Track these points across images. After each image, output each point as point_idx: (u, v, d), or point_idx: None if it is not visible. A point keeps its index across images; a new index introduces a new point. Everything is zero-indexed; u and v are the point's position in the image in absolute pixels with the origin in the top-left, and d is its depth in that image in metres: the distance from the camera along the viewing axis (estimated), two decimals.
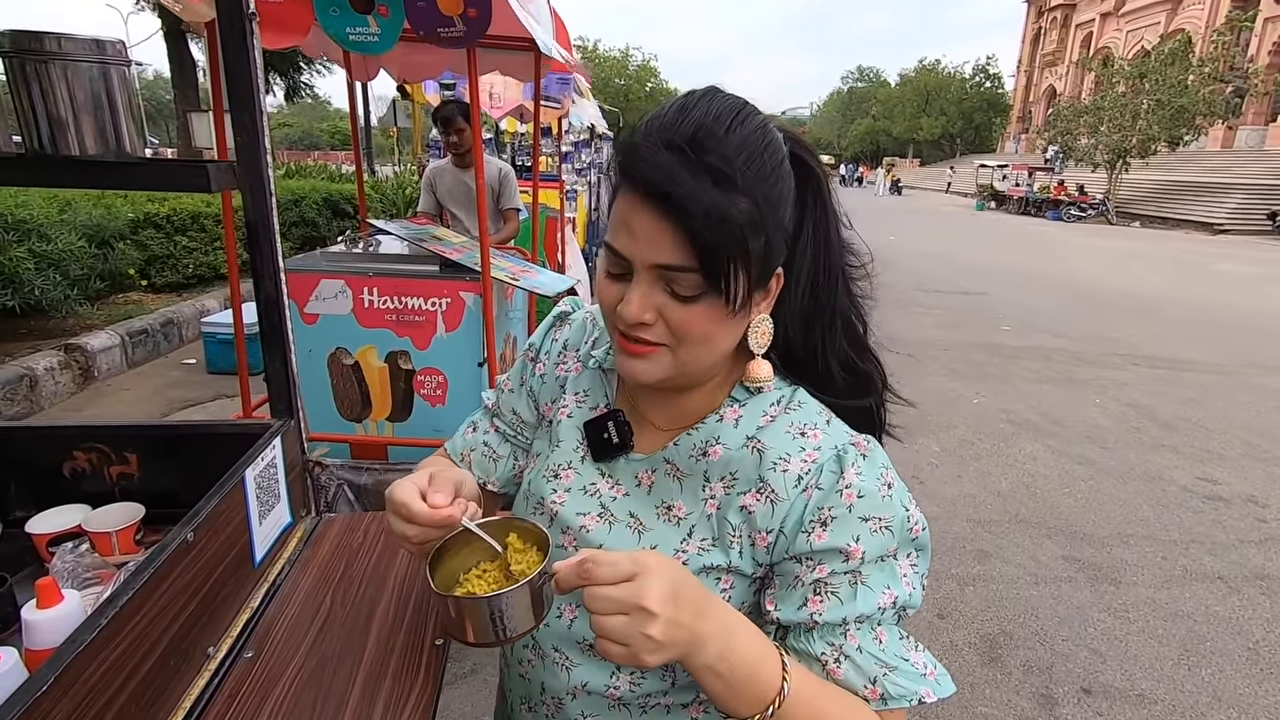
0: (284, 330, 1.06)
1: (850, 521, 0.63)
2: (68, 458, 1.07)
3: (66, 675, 0.60)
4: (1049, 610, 2.80)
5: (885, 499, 0.64)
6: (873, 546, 0.63)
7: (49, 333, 4.96)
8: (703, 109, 0.59)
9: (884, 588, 0.63)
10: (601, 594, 0.53)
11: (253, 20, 0.94)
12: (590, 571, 0.53)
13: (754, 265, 0.61)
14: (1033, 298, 9.66)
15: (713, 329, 0.63)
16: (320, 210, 8.72)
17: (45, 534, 1.01)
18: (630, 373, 0.66)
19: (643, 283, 0.61)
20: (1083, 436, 4.69)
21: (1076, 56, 42.54)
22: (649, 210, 0.58)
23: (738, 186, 0.57)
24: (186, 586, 0.80)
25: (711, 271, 0.59)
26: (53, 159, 0.92)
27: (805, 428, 0.68)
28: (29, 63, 0.90)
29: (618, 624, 0.52)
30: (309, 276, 2.33)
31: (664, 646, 0.53)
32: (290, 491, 1.08)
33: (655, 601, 0.52)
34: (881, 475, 0.66)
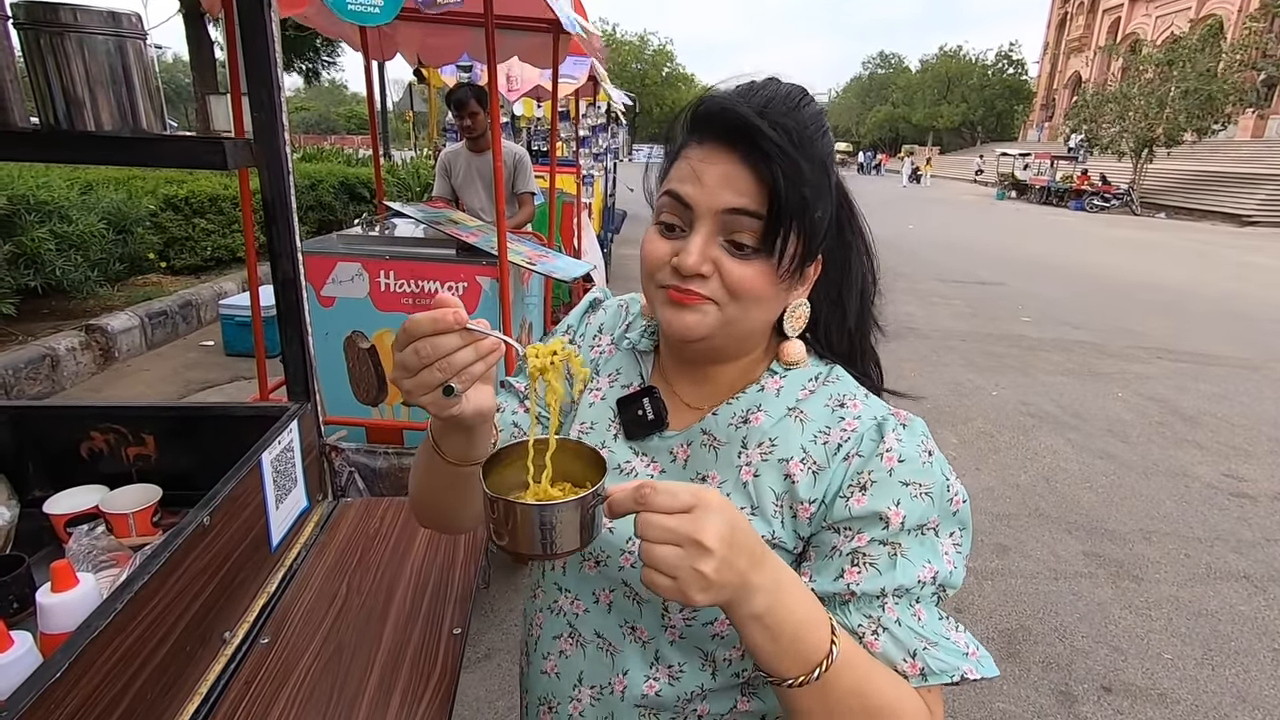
0: (301, 311, 1.04)
1: (890, 485, 0.62)
2: (85, 438, 1.06)
3: (81, 661, 0.58)
4: (1069, 606, 2.76)
5: (926, 465, 0.64)
6: (913, 512, 0.62)
7: (70, 313, 5.01)
8: (773, 87, 0.63)
9: (924, 562, 0.62)
10: (657, 521, 0.50)
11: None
12: (647, 497, 0.51)
13: (808, 234, 0.62)
14: (1053, 289, 9.50)
15: (764, 290, 0.63)
16: (336, 194, 8.73)
17: (63, 514, 1.01)
18: (679, 325, 0.64)
19: (703, 232, 0.61)
20: (1104, 430, 4.61)
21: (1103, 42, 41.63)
22: (725, 155, 0.60)
23: (808, 153, 0.60)
24: (203, 571, 0.79)
25: (774, 223, 0.60)
26: (68, 135, 0.90)
27: (845, 399, 0.69)
28: (44, 35, 0.88)
29: (670, 555, 0.50)
30: (326, 259, 2.32)
31: (714, 586, 0.50)
32: (307, 475, 1.07)
33: (712, 538, 0.50)
34: (922, 443, 0.66)
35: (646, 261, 0.66)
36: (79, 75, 0.90)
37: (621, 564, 0.69)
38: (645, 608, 0.69)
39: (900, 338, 6.63)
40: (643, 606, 0.70)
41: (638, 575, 0.66)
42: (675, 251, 0.63)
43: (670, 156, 0.66)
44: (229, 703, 0.76)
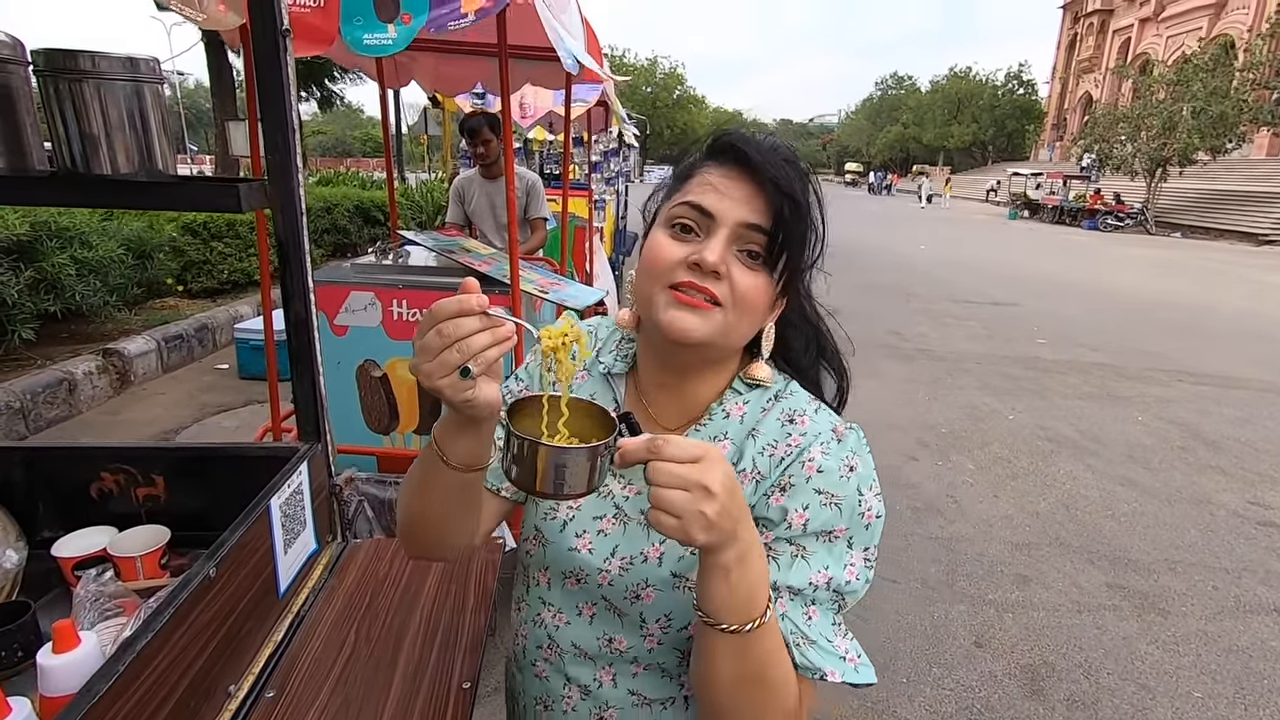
0: (313, 351, 1.03)
1: (804, 491, 0.69)
2: (95, 479, 1.05)
3: None
4: (1093, 641, 2.69)
5: (843, 479, 0.69)
6: (816, 518, 0.68)
7: (88, 337, 5.07)
8: (774, 139, 0.73)
9: (821, 566, 0.68)
10: (668, 468, 0.55)
11: (286, 36, 0.92)
12: (659, 448, 0.56)
13: (799, 257, 0.71)
14: (1069, 309, 9.41)
15: (761, 302, 0.70)
16: (352, 218, 8.83)
17: (71, 558, 1.00)
18: (680, 325, 0.69)
19: (722, 236, 0.68)
20: (1125, 456, 4.52)
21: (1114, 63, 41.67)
22: (746, 179, 0.69)
23: (807, 192, 0.70)
24: (209, 624, 0.77)
25: (778, 240, 0.68)
26: (84, 178, 0.90)
27: (795, 414, 0.74)
28: (62, 81, 0.89)
29: (679, 498, 0.55)
30: (339, 288, 2.33)
31: (712, 527, 0.56)
32: (316, 517, 1.05)
33: (716, 484, 0.55)
34: (847, 459, 0.71)
35: (658, 260, 0.71)
36: (96, 120, 0.90)
37: (600, 581, 0.75)
38: (625, 621, 0.75)
39: (914, 359, 6.57)
40: (623, 620, 0.75)
41: (616, 592, 0.75)
42: (692, 252, 0.69)
43: (682, 177, 0.74)
44: None
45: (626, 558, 0.75)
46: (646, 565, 0.74)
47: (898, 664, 2.52)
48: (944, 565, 3.16)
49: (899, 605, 2.85)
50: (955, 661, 2.55)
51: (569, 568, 0.78)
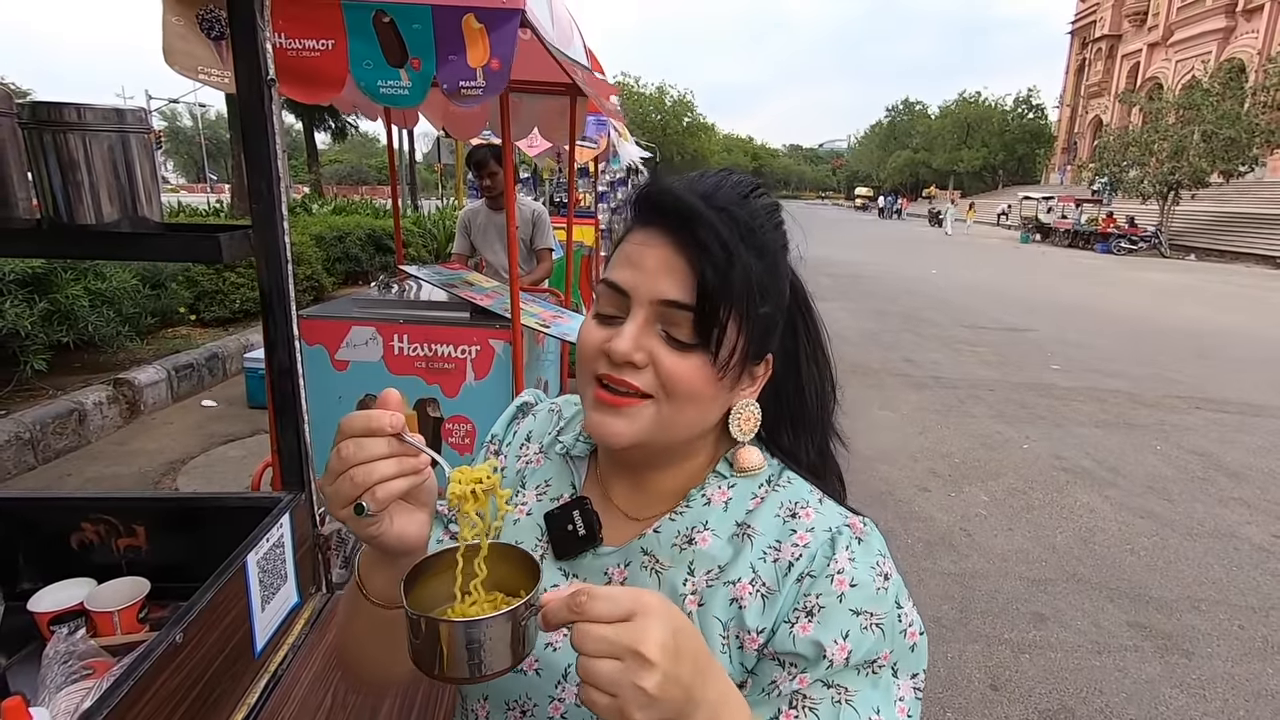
0: (297, 402, 1.01)
1: (839, 614, 0.56)
2: (76, 529, 1.04)
3: None
4: (1114, 684, 2.59)
5: (880, 592, 0.58)
6: (861, 647, 0.56)
7: (100, 367, 5.12)
8: (724, 176, 0.62)
9: (871, 711, 0.55)
10: (594, 632, 0.45)
11: (271, 86, 0.91)
12: (583, 605, 0.45)
13: (752, 330, 0.59)
14: (1083, 334, 9.30)
15: (701, 387, 0.59)
16: (363, 246, 8.94)
17: (46, 613, 0.98)
18: (603, 430, 0.60)
19: (638, 319, 0.58)
20: (1144, 487, 4.41)
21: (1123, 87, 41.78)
22: (664, 243, 0.58)
23: (753, 244, 0.58)
24: (174, 691, 0.74)
25: (708, 317, 0.57)
26: (69, 228, 0.90)
27: (796, 507, 0.63)
28: (48, 132, 0.89)
29: (608, 669, 0.44)
30: (340, 323, 2.33)
31: (655, 702, 0.44)
32: (299, 569, 1.03)
33: (654, 649, 0.44)
34: (878, 564, 0.60)
35: (580, 350, 0.62)
36: (81, 170, 0.90)
37: (551, 713, 0.63)
38: None
39: (925, 387, 6.49)
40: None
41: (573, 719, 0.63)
42: (605, 340, 0.59)
43: (616, 243, 0.64)
44: None
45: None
46: None
47: None
48: (957, 602, 3.07)
49: None
50: (971, 706, 2.46)
51: (513, 696, 0.64)
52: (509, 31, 1.80)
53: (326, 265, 8.07)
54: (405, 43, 1.87)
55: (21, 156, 0.93)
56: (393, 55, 1.88)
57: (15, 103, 0.91)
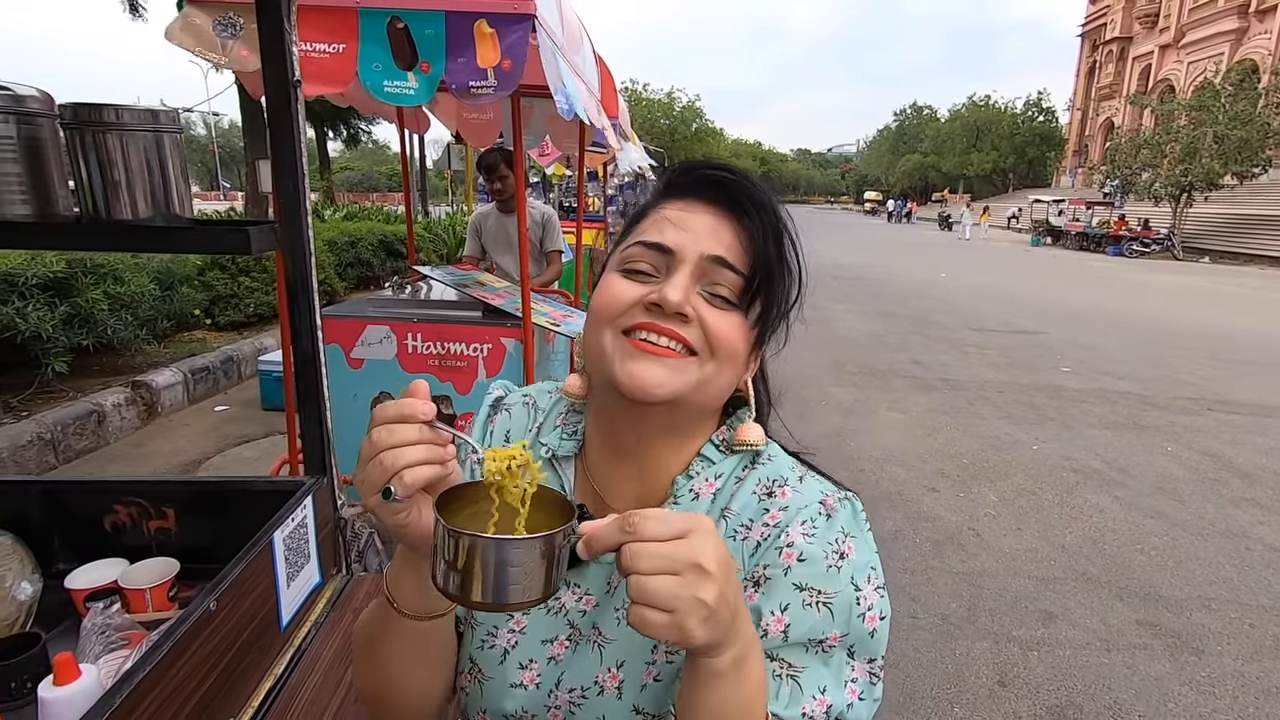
0: (320, 388, 1.06)
1: (781, 586, 0.55)
2: (109, 511, 1.08)
3: None
4: (1123, 681, 2.59)
5: (831, 570, 0.56)
6: (801, 623, 0.54)
7: (119, 369, 5.21)
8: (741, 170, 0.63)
9: (816, 689, 0.54)
10: (651, 549, 0.44)
11: (297, 87, 0.96)
12: (636, 525, 0.45)
13: (776, 302, 0.61)
14: (1094, 337, 9.25)
15: (740, 348, 0.59)
16: (375, 251, 9.03)
17: (82, 590, 1.02)
18: (643, 378, 0.56)
19: (685, 274, 0.57)
20: (1154, 488, 4.40)
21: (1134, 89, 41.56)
22: (707, 208, 0.59)
23: (780, 226, 0.61)
24: (208, 657, 0.78)
25: (755, 280, 0.58)
26: (106, 223, 0.95)
27: (774, 485, 0.62)
28: (87, 132, 0.94)
29: (668, 584, 0.43)
30: (355, 322, 2.38)
31: (713, 616, 0.44)
32: (321, 550, 1.07)
33: (712, 561, 0.44)
34: (836, 541, 0.57)
35: (610, 304, 0.59)
36: (118, 168, 0.95)
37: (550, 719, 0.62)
38: None
39: (934, 389, 6.49)
40: None
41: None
42: (649, 291, 0.57)
43: (636, 219, 0.64)
44: None
45: (577, 690, 0.60)
46: (603, 699, 0.59)
47: (916, 704, 2.45)
48: (965, 601, 3.08)
49: (918, 642, 2.78)
50: (978, 702, 2.47)
51: (510, 710, 0.62)
52: (520, 33, 1.85)
53: (339, 270, 8.17)
54: (416, 47, 1.93)
55: (62, 155, 0.98)
56: (402, 59, 1.93)
57: (57, 104, 0.96)
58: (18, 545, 1.03)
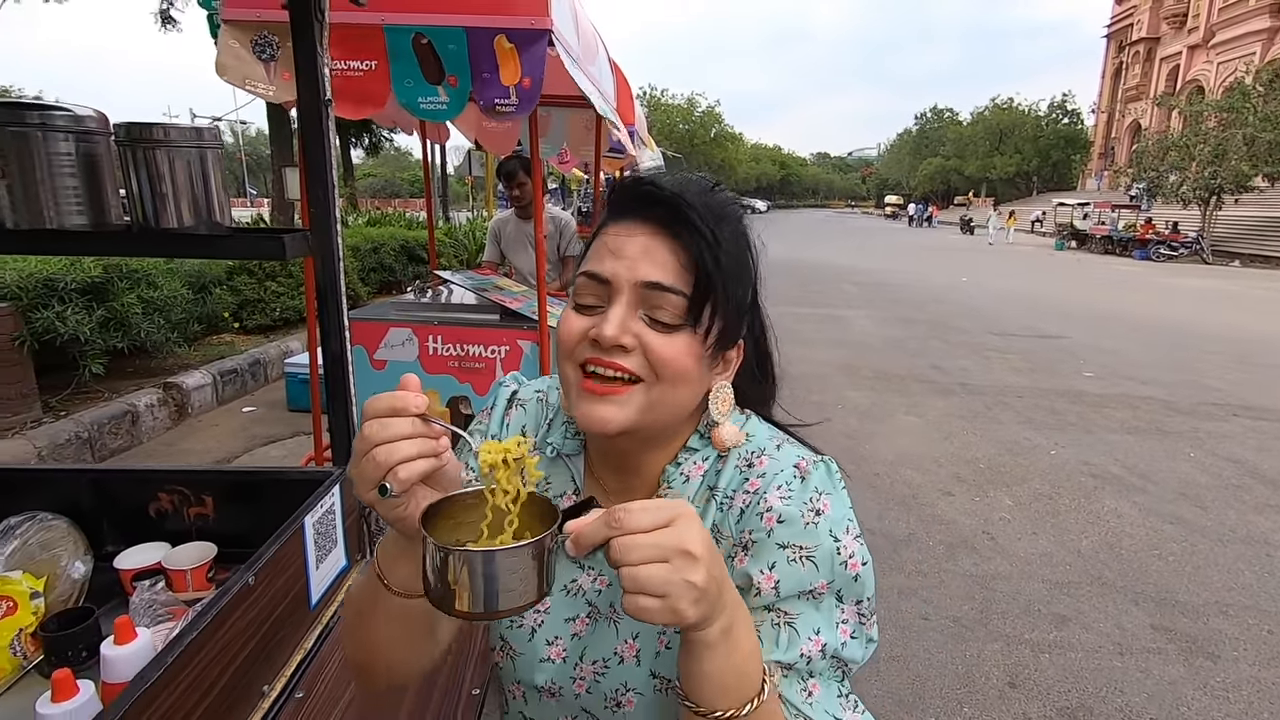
0: (347, 383, 1.13)
1: (766, 547, 0.60)
2: (153, 499, 1.17)
3: (133, 710, 0.65)
4: (1135, 685, 2.59)
5: (809, 527, 0.60)
6: (790, 578, 0.59)
7: (151, 371, 5.38)
8: (686, 176, 0.64)
9: (811, 631, 0.58)
10: (640, 541, 0.47)
11: (328, 106, 1.04)
12: (622, 520, 0.47)
13: (729, 311, 0.61)
14: (1118, 342, 9.13)
15: (689, 366, 0.60)
16: (397, 256, 9.20)
17: (129, 570, 1.11)
18: (593, 418, 0.60)
19: (622, 304, 0.59)
20: (1175, 493, 4.35)
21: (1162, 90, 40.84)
22: (643, 228, 0.60)
23: (726, 230, 0.61)
24: (246, 627, 0.86)
25: (698, 296, 0.59)
26: (155, 231, 1.03)
27: (753, 457, 0.66)
28: (139, 149, 1.03)
29: (659, 572, 0.46)
30: (379, 325, 2.48)
31: (704, 596, 0.48)
32: (347, 537, 1.14)
33: (698, 546, 0.47)
34: (811, 500, 0.61)
35: (564, 339, 0.63)
36: (166, 181, 1.04)
37: (577, 691, 0.66)
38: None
39: (952, 393, 6.46)
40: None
41: (595, 701, 0.65)
42: (590, 326, 0.60)
43: (590, 240, 0.66)
44: None
45: (599, 662, 0.65)
46: (623, 667, 0.64)
47: (926, 703, 2.47)
48: (978, 603, 3.09)
49: (929, 643, 2.80)
50: (988, 702, 2.49)
51: (542, 681, 0.68)
52: (538, 50, 1.93)
53: (362, 275, 8.34)
54: (442, 62, 2.01)
55: (114, 170, 1.07)
56: (431, 73, 2.02)
57: (111, 123, 1.05)
58: (71, 529, 1.12)
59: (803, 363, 7.52)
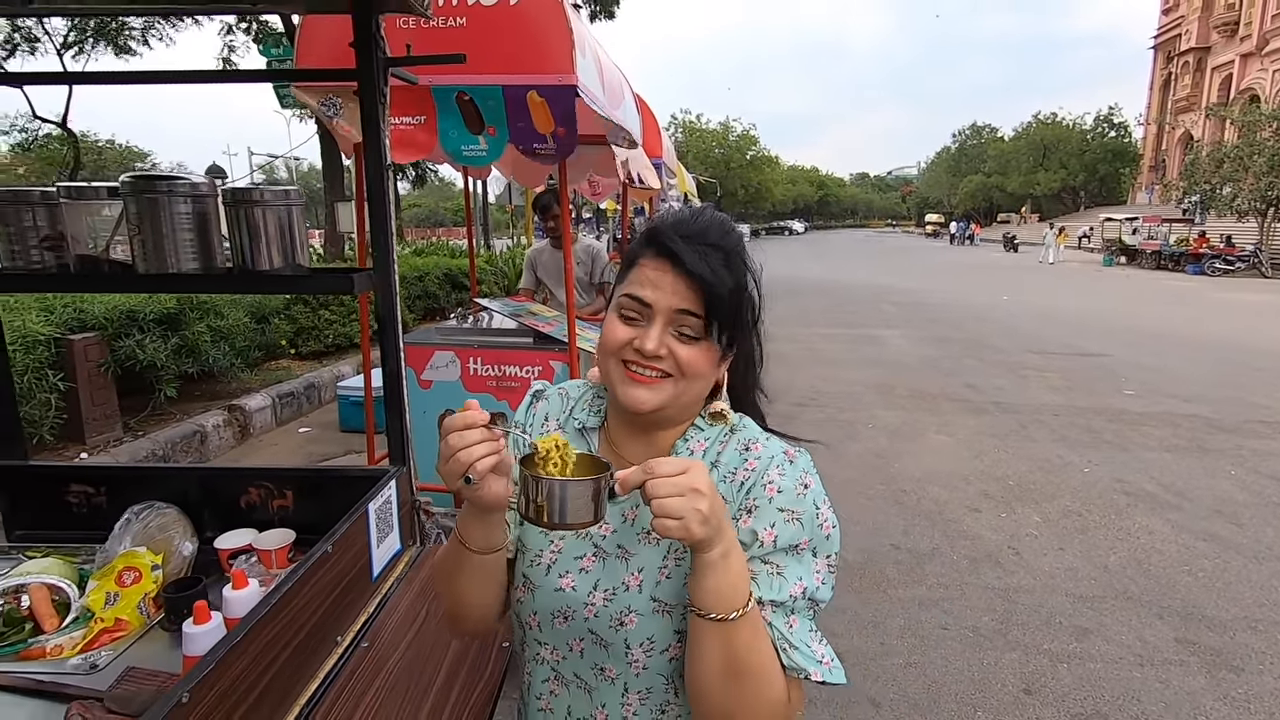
0: (402, 396, 1.36)
1: (768, 511, 0.79)
2: (244, 492, 1.41)
3: (246, 638, 0.87)
4: (1154, 694, 2.63)
5: (800, 496, 0.80)
6: (785, 534, 0.78)
7: (217, 395, 5.80)
8: (708, 217, 0.84)
9: (797, 579, 0.78)
10: (664, 481, 0.68)
11: (389, 169, 1.28)
12: (653, 467, 0.69)
13: (735, 326, 0.82)
14: (1163, 359, 8.94)
15: (705, 368, 0.82)
16: (441, 284, 9.64)
17: (226, 549, 1.34)
18: (634, 399, 0.81)
19: (659, 324, 0.80)
20: (1211, 510, 4.31)
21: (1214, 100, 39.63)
22: (675, 272, 0.80)
23: (732, 267, 0.81)
24: (324, 589, 1.08)
25: (712, 318, 0.80)
26: (251, 273, 1.28)
27: (749, 443, 0.86)
28: (241, 208, 1.29)
29: (676, 501, 0.67)
30: (426, 349, 2.73)
31: (708, 520, 0.68)
32: (401, 524, 1.36)
33: (704, 484, 0.69)
34: (800, 478, 0.81)
35: (610, 342, 0.83)
36: (260, 234, 1.29)
37: (586, 615, 0.83)
38: (611, 650, 0.82)
39: (986, 412, 6.46)
40: (609, 650, 0.82)
41: (601, 623, 0.82)
42: (635, 336, 0.81)
43: (628, 263, 0.86)
44: (338, 686, 1.03)
45: (609, 590, 0.83)
46: (628, 594, 0.82)
47: (941, 707, 2.56)
48: (998, 614, 3.15)
49: (947, 651, 2.88)
50: (1002, 707, 2.56)
51: (556, 607, 0.85)
52: (567, 104, 2.17)
53: (408, 303, 8.77)
54: (482, 114, 2.28)
55: (220, 224, 1.33)
56: (472, 125, 2.29)
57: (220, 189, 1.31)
58: (181, 515, 1.37)
59: (835, 382, 7.59)
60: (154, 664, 1.07)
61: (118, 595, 1.22)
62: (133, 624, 1.20)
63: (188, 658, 0.97)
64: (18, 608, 1.21)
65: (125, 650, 1.14)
